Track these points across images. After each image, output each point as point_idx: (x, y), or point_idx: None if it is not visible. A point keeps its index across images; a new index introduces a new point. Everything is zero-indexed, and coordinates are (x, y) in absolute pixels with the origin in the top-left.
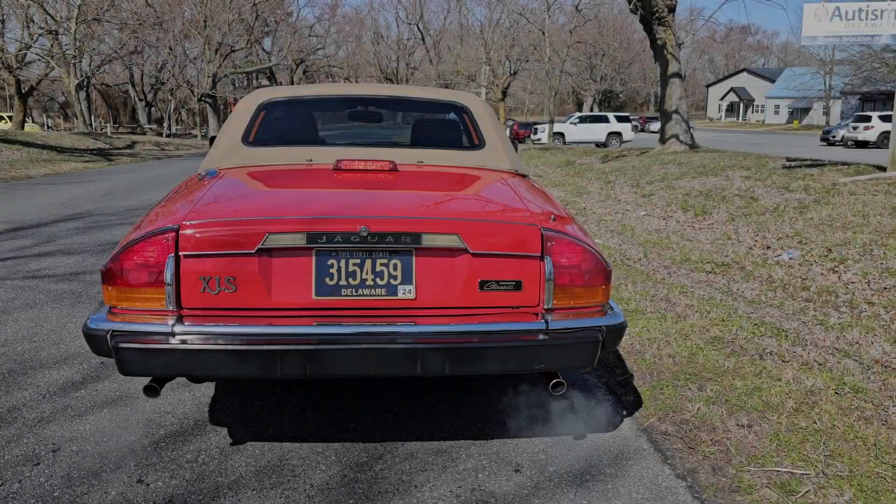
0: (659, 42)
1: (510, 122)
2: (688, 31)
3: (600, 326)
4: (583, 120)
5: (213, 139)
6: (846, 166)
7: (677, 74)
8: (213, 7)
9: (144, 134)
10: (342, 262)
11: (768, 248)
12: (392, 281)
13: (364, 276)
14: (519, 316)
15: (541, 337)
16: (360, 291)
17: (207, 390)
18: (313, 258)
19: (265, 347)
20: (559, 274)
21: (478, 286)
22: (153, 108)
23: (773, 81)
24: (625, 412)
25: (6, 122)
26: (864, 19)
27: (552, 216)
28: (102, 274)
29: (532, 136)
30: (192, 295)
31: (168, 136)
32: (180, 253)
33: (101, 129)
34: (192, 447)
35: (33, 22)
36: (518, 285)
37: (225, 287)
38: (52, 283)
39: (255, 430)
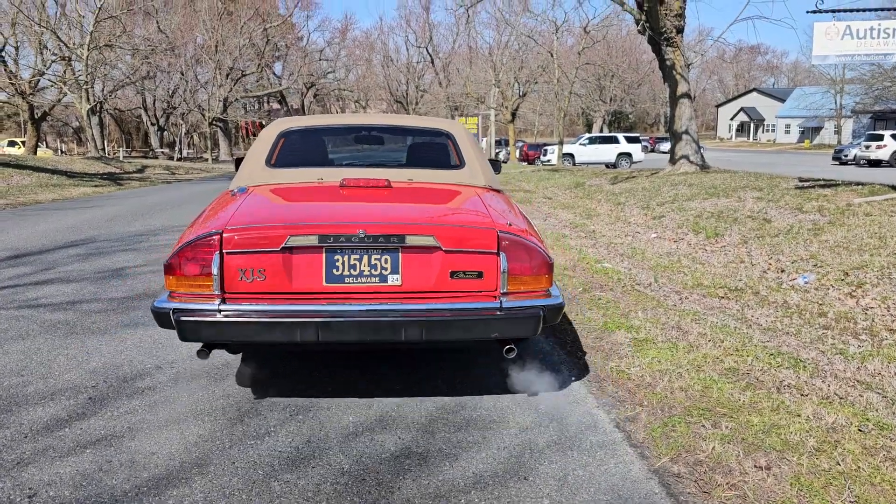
0: (668, 63)
1: (520, 144)
2: (697, 52)
3: (542, 306)
4: (592, 141)
5: (238, 161)
6: (860, 186)
7: (687, 95)
8: (225, 32)
9: (156, 158)
10: (345, 258)
11: (783, 271)
12: (383, 272)
13: (362, 268)
14: (481, 297)
15: (497, 314)
16: (359, 279)
17: (196, 429)
18: (323, 255)
19: (287, 320)
20: (511, 266)
21: (449, 275)
22: (165, 133)
23: (783, 101)
24: (634, 452)
25: (20, 148)
26: (875, 38)
27: (509, 222)
28: (165, 267)
29: (542, 157)
30: (232, 282)
31: (179, 159)
32: (224, 251)
33: (114, 154)
34: (176, 492)
35: (47, 48)
36: (480, 275)
37: (257, 276)
38: (47, 313)
39: (242, 474)
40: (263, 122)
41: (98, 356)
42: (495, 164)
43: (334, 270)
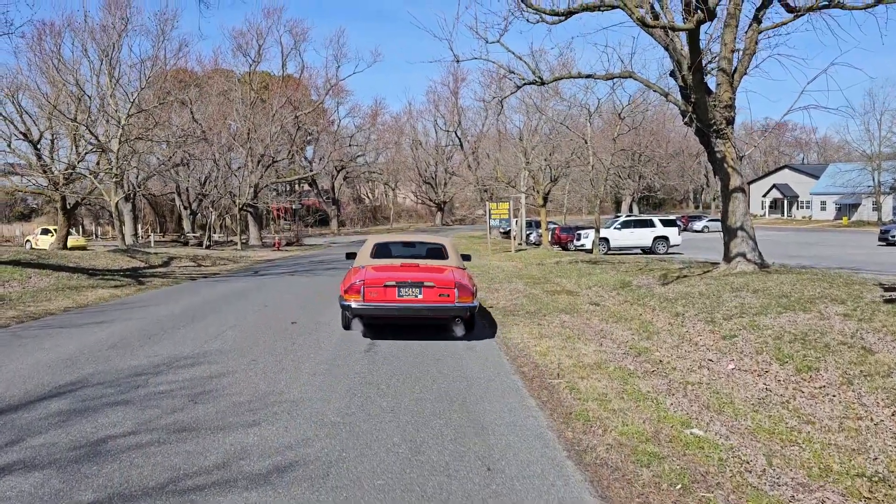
0: (718, 155)
1: (552, 226)
2: (749, 143)
3: (469, 306)
4: (626, 224)
5: (349, 255)
6: None
7: (741, 189)
8: (257, 120)
9: (186, 244)
10: (404, 289)
11: None
12: (416, 294)
13: (409, 293)
14: (448, 302)
15: (454, 307)
16: (408, 296)
17: None
18: (396, 288)
19: (384, 308)
20: (459, 293)
21: (438, 295)
22: (198, 216)
23: (816, 177)
24: None
25: (52, 236)
26: None
27: (461, 279)
28: (343, 291)
29: (575, 241)
30: (366, 295)
31: (208, 246)
32: (364, 286)
33: (146, 237)
34: None
35: (83, 138)
36: (448, 295)
37: (374, 294)
38: None
39: None
40: (295, 207)
41: None
42: (466, 257)
43: (399, 293)
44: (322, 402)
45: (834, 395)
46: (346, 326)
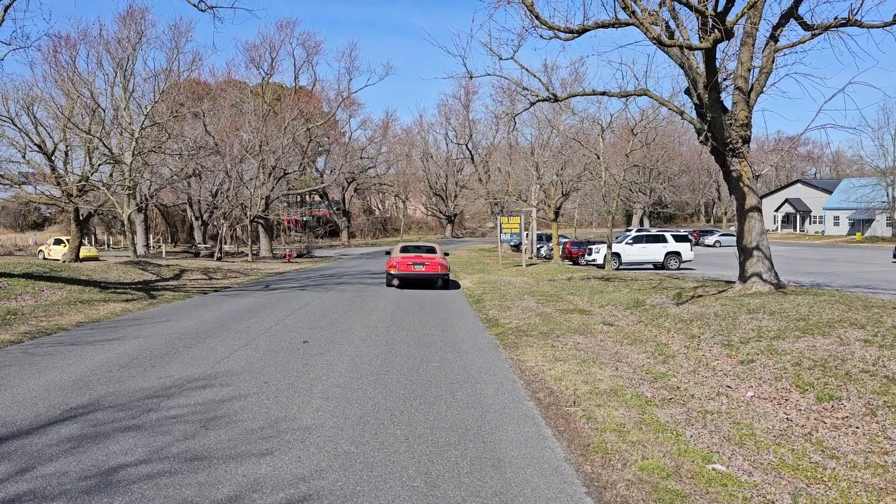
0: (734, 174)
1: (563, 241)
2: (764, 162)
3: (445, 273)
4: (638, 240)
5: (388, 252)
6: None
7: (757, 208)
8: (269, 132)
9: (197, 255)
10: (416, 265)
11: None
12: (421, 268)
13: (418, 267)
14: (435, 271)
15: (438, 273)
16: (418, 269)
17: None
18: (413, 264)
19: (407, 273)
20: (440, 267)
21: (431, 268)
22: (209, 226)
23: (829, 192)
24: None
25: (65, 246)
26: None
27: (444, 261)
28: (387, 266)
29: (586, 256)
30: (399, 268)
31: (219, 258)
32: (398, 264)
33: (157, 248)
34: None
35: (97, 150)
36: (436, 268)
37: (403, 267)
38: None
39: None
40: (306, 219)
41: None
42: (446, 253)
43: (413, 266)
44: (335, 428)
45: (857, 427)
46: (389, 284)
